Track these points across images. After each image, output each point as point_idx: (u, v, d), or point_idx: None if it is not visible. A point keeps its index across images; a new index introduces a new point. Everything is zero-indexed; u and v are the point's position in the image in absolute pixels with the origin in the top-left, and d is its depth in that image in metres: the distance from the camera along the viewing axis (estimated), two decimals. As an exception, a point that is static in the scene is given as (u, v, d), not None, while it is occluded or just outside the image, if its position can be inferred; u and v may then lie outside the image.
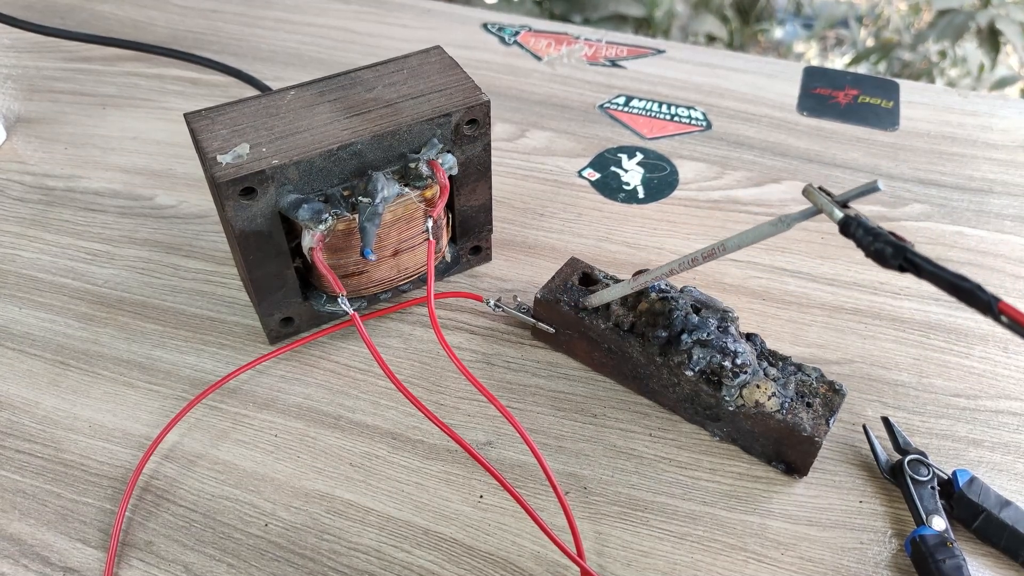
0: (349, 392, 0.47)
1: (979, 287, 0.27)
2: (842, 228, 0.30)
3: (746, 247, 0.37)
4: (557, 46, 0.77)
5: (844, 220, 0.31)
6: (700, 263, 0.39)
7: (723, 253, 0.37)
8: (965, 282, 0.27)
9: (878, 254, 0.29)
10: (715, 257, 0.38)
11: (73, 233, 0.57)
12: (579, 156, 0.64)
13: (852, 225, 0.30)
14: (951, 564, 0.37)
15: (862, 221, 0.30)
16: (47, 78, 0.72)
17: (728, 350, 0.42)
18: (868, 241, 0.29)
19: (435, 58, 0.48)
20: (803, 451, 0.41)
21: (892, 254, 0.29)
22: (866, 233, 0.30)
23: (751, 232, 0.36)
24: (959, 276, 0.27)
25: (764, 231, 0.35)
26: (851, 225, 0.30)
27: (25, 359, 0.49)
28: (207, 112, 0.44)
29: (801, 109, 0.69)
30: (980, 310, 0.27)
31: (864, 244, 0.29)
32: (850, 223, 0.30)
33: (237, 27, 0.79)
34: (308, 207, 0.42)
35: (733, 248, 0.37)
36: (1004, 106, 0.70)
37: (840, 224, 0.31)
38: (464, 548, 0.40)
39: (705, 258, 0.38)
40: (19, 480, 0.43)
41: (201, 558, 0.40)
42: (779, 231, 0.35)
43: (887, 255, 0.29)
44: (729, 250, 0.37)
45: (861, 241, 0.30)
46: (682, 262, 0.40)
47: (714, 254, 0.38)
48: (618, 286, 0.44)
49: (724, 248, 0.37)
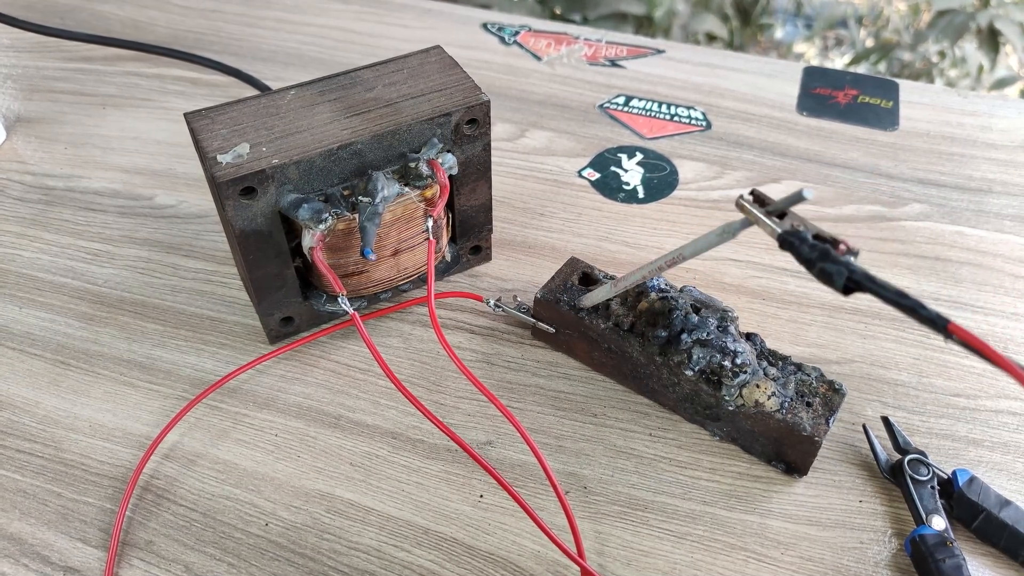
0: (349, 392, 0.47)
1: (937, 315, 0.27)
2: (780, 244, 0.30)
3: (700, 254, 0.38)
4: (557, 46, 0.77)
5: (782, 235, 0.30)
6: (665, 269, 0.40)
7: (682, 260, 0.39)
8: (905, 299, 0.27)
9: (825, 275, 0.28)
10: (677, 263, 0.39)
11: (73, 233, 0.57)
12: (579, 156, 0.64)
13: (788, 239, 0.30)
14: (951, 564, 0.37)
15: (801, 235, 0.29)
16: (47, 78, 0.72)
17: (728, 350, 0.42)
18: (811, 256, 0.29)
19: (435, 58, 0.48)
20: (803, 451, 0.41)
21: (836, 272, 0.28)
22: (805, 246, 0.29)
23: (701, 240, 0.37)
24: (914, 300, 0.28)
25: (712, 240, 0.36)
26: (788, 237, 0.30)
27: (25, 359, 0.49)
28: (207, 112, 0.44)
29: (801, 109, 0.69)
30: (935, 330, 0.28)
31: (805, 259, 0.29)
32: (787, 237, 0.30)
33: (237, 27, 0.79)
34: (308, 207, 0.42)
35: (690, 255, 0.38)
36: (1003, 106, 0.71)
37: (779, 239, 0.30)
38: (464, 548, 0.40)
39: (669, 264, 0.39)
40: (19, 480, 0.43)
41: (201, 557, 0.40)
42: (726, 239, 0.36)
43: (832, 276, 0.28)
44: (687, 257, 0.38)
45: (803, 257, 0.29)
46: (650, 268, 0.41)
47: (675, 261, 0.39)
48: (602, 288, 0.45)
49: (682, 256, 0.38)
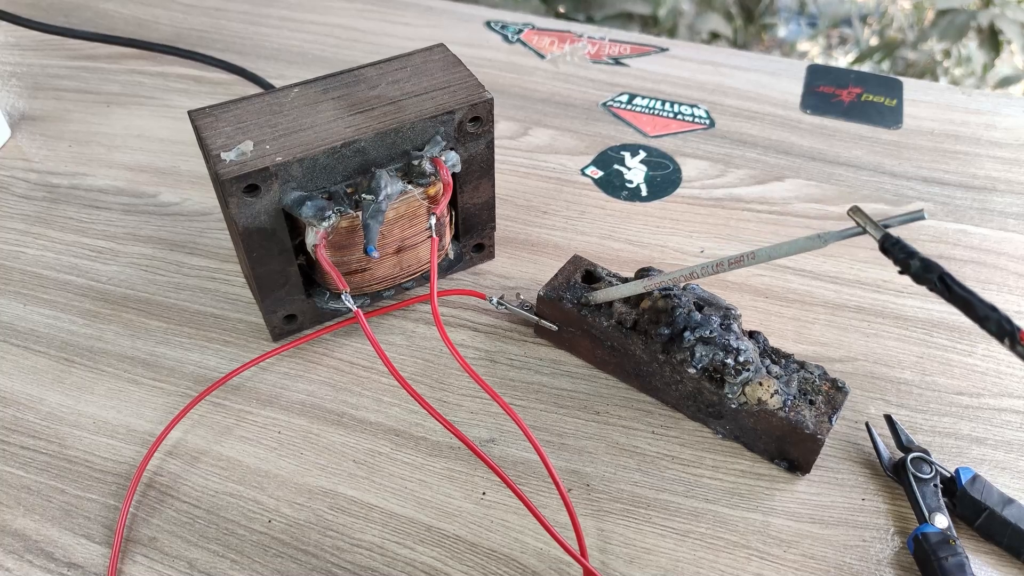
0: (352, 389, 0.47)
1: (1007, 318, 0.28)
2: (881, 247, 0.32)
3: (778, 259, 0.36)
4: (560, 44, 0.77)
5: (884, 238, 0.32)
6: (726, 269, 0.38)
7: (752, 262, 0.36)
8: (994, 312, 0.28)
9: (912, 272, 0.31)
10: (742, 265, 0.37)
11: (77, 230, 0.57)
12: (582, 154, 0.64)
13: (889, 243, 0.32)
14: (953, 562, 0.37)
15: (900, 242, 0.32)
16: (51, 76, 0.72)
17: (731, 348, 0.42)
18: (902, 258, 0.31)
19: (438, 56, 0.48)
20: (806, 449, 0.41)
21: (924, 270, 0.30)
22: (901, 251, 0.31)
23: (786, 245, 0.35)
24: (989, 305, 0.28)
25: (800, 245, 0.35)
26: (888, 243, 0.32)
27: (30, 356, 0.49)
28: (211, 110, 0.44)
29: (804, 107, 0.69)
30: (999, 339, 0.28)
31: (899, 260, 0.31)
32: (888, 242, 0.32)
33: (241, 25, 0.79)
34: (312, 204, 0.42)
35: (764, 259, 0.36)
36: (1008, 104, 0.70)
37: (880, 242, 0.32)
38: (467, 545, 0.40)
39: (732, 265, 0.37)
40: (23, 476, 0.43)
41: (205, 554, 0.40)
42: (815, 247, 0.34)
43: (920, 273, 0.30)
44: (760, 260, 0.36)
45: (896, 258, 0.31)
46: (705, 267, 0.39)
47: (742, 262, 0.37)
48: (626, 286, 0.44)
49: (754, 257, 0.36)
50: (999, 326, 0.27)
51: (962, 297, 0.29)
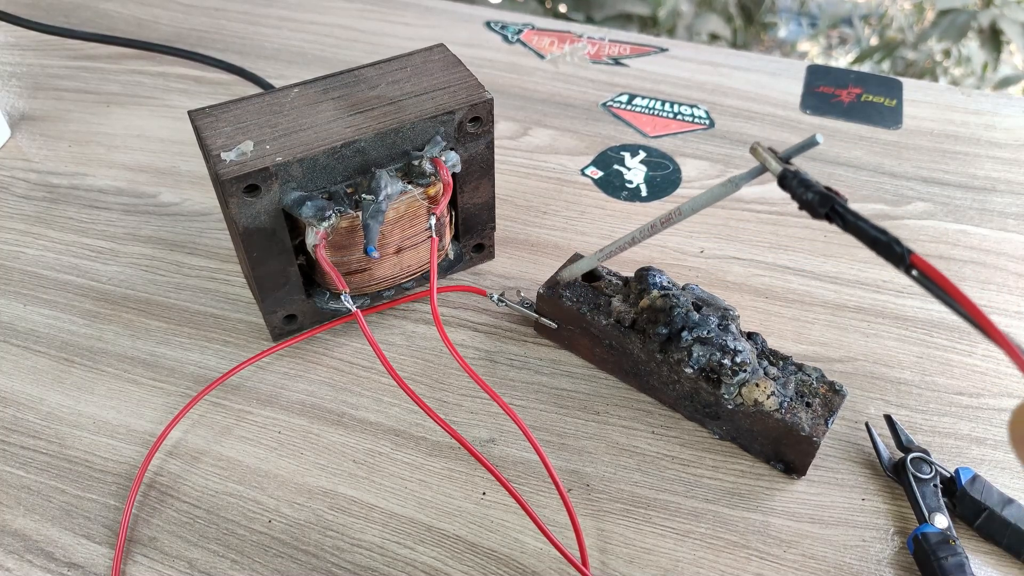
0: (352, 389, 0.47)
1: (896, 240, 0.27)
2: (780, 181, 0.32)
3: (700, 210, 0.37)
4: (560, 44, 0.77)
5: (782, 173, 0.32)
6: (660, 229, 0.39)
7: (680, 218, 0.38)
8: (884, 235, 0.28)
9: (809, 204, 0.30)
10: (673, 223, 0.38)
11: (77, 230, 0.57)
12: (582, 154, 0.64)
13: (788, 177, 0.31)
14: (953, 562, 0.37)
15: (799, 174, 0.31)
16: (51, 76, 0.72)
17: (728, 348, 0.42)
18: (801, 192, 0.31)
19: (438, 56, 0.48)
20: (801, 451, 0.41)
21: (820, 203, 0.30)
22: (800, 184, 0.31)
23: (704, 195, 0.37)
24: (879, 229, 0.28)
25: (715, 193, 0.36)
26: (787, 177, 0.31)
27: (30, 356, 0.49)
28: (211, 110, 0.44)
29: (804, 107, 0.69)
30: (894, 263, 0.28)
31: (797, 195, 0.31)
32: (787, 175, 0.31)
33: (241, 25, 0.79)
34: (311, 204, 0.42)
35: (688, 212, 0.37)
36: (1008, 105, 0.70)
37: (778, 177, 0.32)
38: (467, 545, 0.40)
39: (663, 224, 0.39)
40: (24, 476, 0.43)
41: (205, 554, 0.40)
42: (729, 192, 0.36)
43: (816, 204, 0.30)
44: (685, 214, 0.38)
45: (795, 192, 0.31)
46: (642, 230, 0.40)
47: (671, 219, 0.38)
48: (584, 260, 0.45)
49: (680, 213, 0.38)
50: (890, 250, 0.28)
51: (855, 225, 0.29)
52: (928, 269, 0.26)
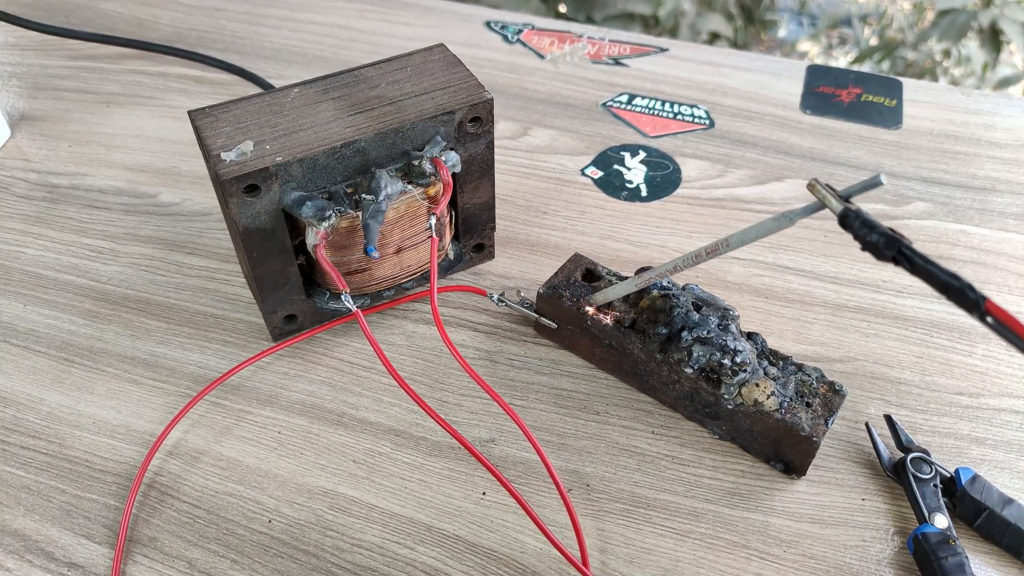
0: (352, 389, 0.47)
1: (970, 286, 0.27)
2: (841, 220, 0.31)
3: (750, 243, 0.37)
4: (560, 44, 0.77)
5: (843, 212, 0.31)
6: (704, 259, 0.39)
7: (727, 250, 0.37)
8: (956, 280, 0.27)
9: (873, 246, 0.30)
10: (719, 254, 0.38)
11: (77, 230, 0.57)
12: (582, 154, 0.64)
13: (851, 217, 0.31)
14: (953, 562, 0.37)
15: (860, 214, 0.31)
16: (51, 76, 0.72)
17: (728, 348, 0.42)
18: (864, 233, 0.30)
19: (438, 56, 0.48)
20: (801, 451, 0.41)
21: (886, 245, 0.29)
22: (863, 225, 0.30)
23: (755, 228, 0.36)
24: (951, 273, 0.28)
25: (768, 227, 0.35)
26: (849, 217, 0.31)
27: (30, 356, 0.49)
28: (211, 110, 0.44)
29: (804, 107, 0.69)
30: (967, 309, 0.27)
31: (860, 236, 0.30)
32: (849, 215, 0.31)
33: (241, 25, 0.79)
34: (311, 204, 0.42)
35: (737, 244, 0.37)
36: (1008, 104, 0.70)
37: (840, 216, 0.31)
38: (467, 545, 0.40)
39: (709, 254, 0.38)
40: (24, 476, 0.43)
41: (205, 554, 0.40)
42: (783, 227, 0.35)
43: (881, 247, 0.29)
44: (733, 246, 0.37)
45: (857, 233, 0.30)
46: (686, 259, 0.40)
47: (718, 250, 0.38)
48: (622, 284, 0.44)
49: (728, 244, 0.37)
50: (963, 295, 0.27)
51: (924, 268, 0.28)
52: (1003, 316, 0.26)
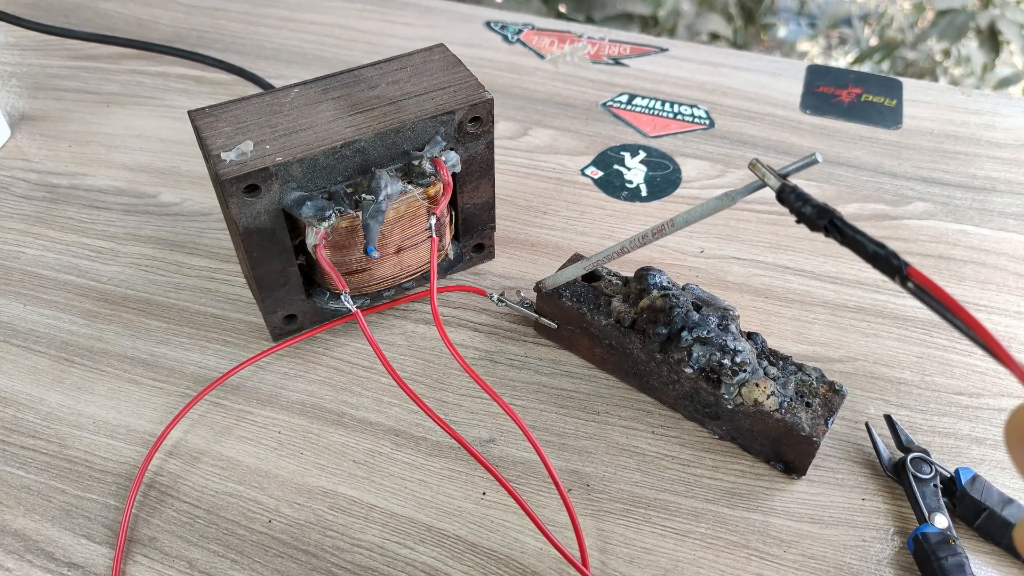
0: (352, 389, 0.47)
1: (894, 254, 0.28)
2: (778, 195, 0.32)
3: (695, 223, 0.37)
4: (560, 44, 0.77)
5: (780, 187, 0.32)
6: (651, 240, 0.39)
7: (672, 230, 0.38)
8: (882, 248, 0.28)
9: (807, 218, 0.31)
10: (664, 234, 0.38)
11: (77, 230, 0.57)
12: (582, 154, 0.64)
13: (787, 191, 0.32)
14: (953, 562, 0.37)
15: (796, 189, 0.32)
16: (51, 76, 0.72)
17: (728, 348, 0.42)
18: (799, 206, 0.31)
19: (438, 56, 0.48)
20: (801, 451, 0.41)
21: (818, 215, 0.30)
22: (797, 199, 0.31)
23: (698, 208, 0.37)
24: (878, 243, 0.28)
25: (710, 206, 0.36)
26: (786, 191, 0.32)
27: (30, 356, 0.49)
28: (211, 110, 0.44)
29: (804, 107, 0.69)
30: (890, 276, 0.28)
31: (795, 208, 0.31)
32: (785, 190, 0.32)
33: (241, 25, 0.79)
34: (311, 204, 0.42)
35: (681, 224, 0.37)
36: (1008, 104, 0.70)
37: (777, 191, 0.32)
38: (467, 545, 0.40)
39: (655, 235, 0.39)
40: (24, 476, 0.43)
41: (205, 554, 0.40)
42: (725, 205, 0.36)
43: (814, 217, 0.31)
44: (678, 226, 0.38)
45: (793, 206, 0.32)
46: (633, 241, 0.40)
47: (663, 231, 0.38)
48: (570, 268, 0.45)
49: (673, 224, 0.38)
50: (888, 263, 0.28)
51: (853, 238, 0.29)
52: (925, 282, 0.27)
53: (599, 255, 0.42)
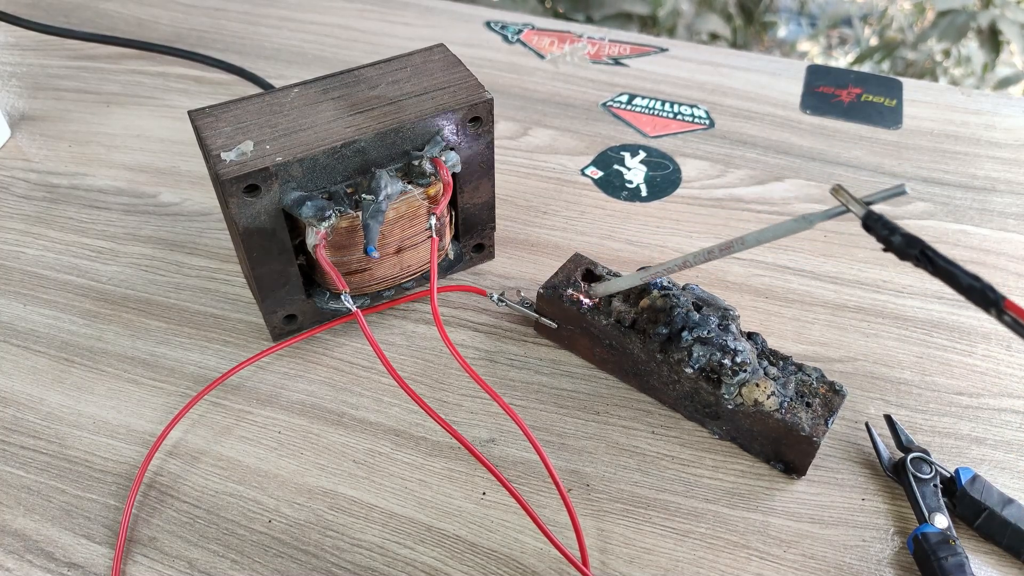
0: (352, 389, 0.47)
1: (990, 287, 0.28)
2: (864, 223, 0.32)
3: (766, 243, 0.36)
4: (560, 44, 0.77)
5: (867, 215, 0.32)
6: (717, 256, 0.38)
7: (741, 248, 0.37)
8: (977, 281, 0.28)
9: (896, 247, 0.31)
10: (732, 252, 0.37)
11: (77, 230, 0.57)
12: (582, 154, 0.64)
13: (873, 219, 0.32)
14: (953, 562, 0.37)
15: (883, 218, 0.32)
16: (51, 76, 0.72)
17: (728, 348, 0.42)
18: (886, 234, 0.31)
19: (438, 56, 0.48)
20: (801, 451, 0.41)
21: (907, 245, 0.30)
22: (884, 227, 0.31)
23: (772, 228, 0.36)
24: (972, 275, 0.28)
25: (786, 228, 0.35)
26: (872, 219, 0.32)
27: (30, 356, 0.49)
28: (211, 110, 0.44)
29: (804, 107, 0.69)
30: (986, 308, 0.28)
31: (883, 237, 0.31)
32: (872, 218, 0.32)
33: (241, 25, 0.79)
34: (311, 204, 0.42)
35: (752, 244, 0.36)
36: (1008, 104, 0.70)
37: (863, 219, 0.32)
38: (467, 545, 0.40)
39: (722, 251, 0.38)
40: (24, 476, 0.43)
41: (205, 554, 0.40)
42: (802, 228, 0.35)
43: (903, 248, 0.30)
44: (748, 245, 0.37)
45: (880, 235, 0.31)
46: (697, 256, 0.39)
47: (731, 248, 0.37)
48: (626, 277, 0.44)
49: (743, 243, 0.37)
50: (983, 296, 0.28)
51: (945, 269, 0.29)
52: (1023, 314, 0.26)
53: (661, 266, 0.41)
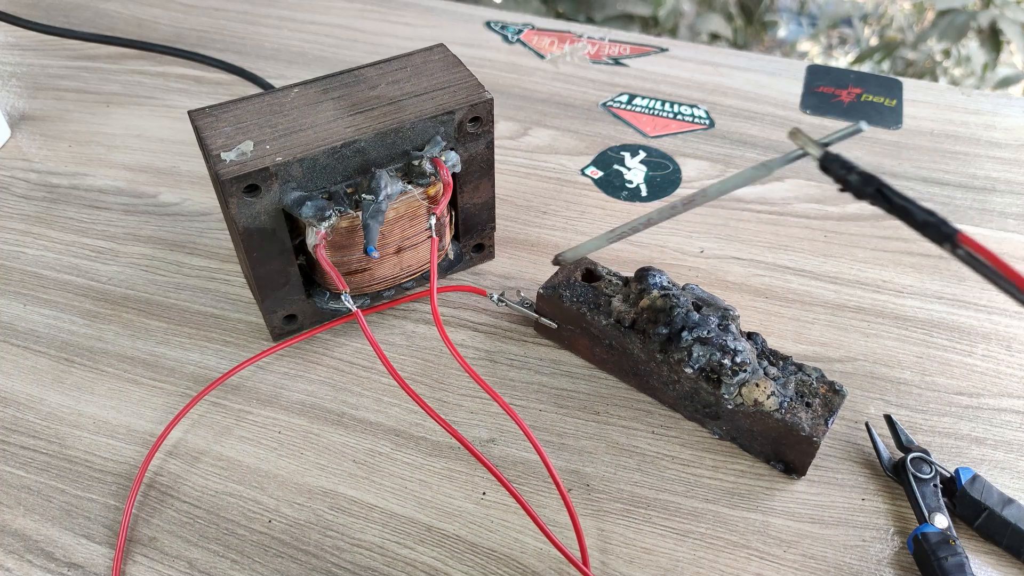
0: (352, 389, 0.47)
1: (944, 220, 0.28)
2: (821, 164, 0.32)
3: (728, 192, 0.37)
4: (560, 44, 0.77)
5: (824, 156, 0.32)
6: (680, 211, 0.39)
7: (704, 200, 0.37)
8: (932, 216, 0.28)
9: (853, 186, 0.30)
10: (695, 204, 0.38)
11: (77, 230, 0.57)
12: (582, 154, 0.64)
13: (830, 160, 0.31)
14: (953, 562, 0.37)
15: (840, 157, 0.31)
16: (51, 76, 0.72)
17: (728, 348, 0.42)
18: (843, 174, 0.31)
19: (438, 56, 0.48)
20: (801, 451, 0.41)
21: (864, 183, 0.30)
22: (842, 167, 0.31)
23: (733, 177, 0.36)
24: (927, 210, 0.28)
25: (747, 175, 0.36)
26: (829, 160, 0.31)
27: (30, 356, 0.49)
28: (211, 110, 0.44)
29: (804, 107, 0.69)
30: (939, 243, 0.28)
31: (840, 177, 0.31)
32: (829, 158, 0.31)
33: (241, 25, 0.79)
34: (311, 204, 0.42)
35: (714, 195, 0.37)
36: (1008, 105, 0.70)
37: (820, 160, 0.32)
38: (467, 545, 0.40)
39: (685, 205, 0.38)
40: (24, 476, 0.43)
41: (205, 554, 0.40)
42: (761, 175, 0.35)
43: (860, 186, 0.30)
44: (710, 197, 0.37)
45: (837, 174, 0.31)
46: (661, 212, 0.40)
47: (694, 201, 0.38)
48: (593, 240, 0.44)
49: (705, 195, 0.37)
50: (938, 231, 0.28)
51: (901, 206, 0.29)
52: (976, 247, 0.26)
53: (625, 226, 0.41)
